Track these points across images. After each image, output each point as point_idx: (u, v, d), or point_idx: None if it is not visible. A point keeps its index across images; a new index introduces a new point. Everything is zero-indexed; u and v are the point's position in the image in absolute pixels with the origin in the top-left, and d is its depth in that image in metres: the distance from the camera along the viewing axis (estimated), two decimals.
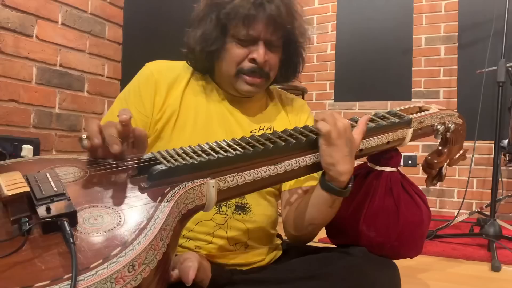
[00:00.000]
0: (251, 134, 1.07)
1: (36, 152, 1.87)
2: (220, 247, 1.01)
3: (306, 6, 4.54)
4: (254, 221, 1.04)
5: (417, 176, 3.81)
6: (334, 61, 4.41)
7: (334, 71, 4.41)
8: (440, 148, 1.18)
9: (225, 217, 1.01)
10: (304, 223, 1.02)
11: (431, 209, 3.59)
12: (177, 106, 1.05)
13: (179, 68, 1.11)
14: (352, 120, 0.96)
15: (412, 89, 4.03)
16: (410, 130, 1.04)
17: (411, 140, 1.07)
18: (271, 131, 1.08)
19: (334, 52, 4.41)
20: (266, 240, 1.09)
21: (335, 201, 0.92)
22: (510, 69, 2.42)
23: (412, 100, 4.01)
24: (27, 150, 1.82)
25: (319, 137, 0.86)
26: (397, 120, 1.02)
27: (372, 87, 4.18)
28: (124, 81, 2.33)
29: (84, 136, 0.77)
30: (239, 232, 1.03)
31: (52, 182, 0.66)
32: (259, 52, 1.00)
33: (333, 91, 4.40)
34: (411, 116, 1.06)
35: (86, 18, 2.14)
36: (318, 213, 0.96)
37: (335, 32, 4.42)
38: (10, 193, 0.60)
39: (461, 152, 1.21)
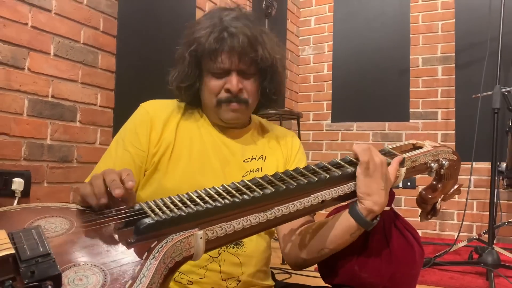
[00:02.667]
0: (244, 162, 1.14)
1: (27, 185, 1.87)
2: (212, 282, 1.02)
3: (302, 26, 4.59)
4: (247, 255, 1.07)
5: (415, 197, 3.81)
6: (331, 82, 4.46)
7: (331, 92, 4.44)
8: (434, 183, 1.18)
9: (219, 250, 1.04)
10: (319, 246, 1.03)
11: (431, 231, 3.61)
12: (172, 139, 1.11)
13: (173, 105, 1.17)
14: (382, 152, 1.00)
15: (410, 110, 4.06)
16: (403, 169, 1.04)
17: (404, 178, 1.08)
18: (264, 160, 1.16)
19: (331, 72, 4.46)
20: (259, 276, 1.11)
21: (356, 231, 0.94)
22: (506, 93, 2.44)
23: (410, 120, 4.04)
24: (17, 183, 1.82)
25: (358, 166, 0.90)
26: (390, 160, 1.02)
27: (369, 107, 4.21)
28: (117, 109, 2.34)
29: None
30: (232, 266, 1.05)
31: (37, 241, 0.67)
32: (232, 83, 1.07)
33: (330, 111, 4.43)
34: (403, 155, 1.06)
35: (78, 48, 2.16)
36: (338, 238, 0.98)
37: (331, 52, 4.47)
38: None
39: (455, 187, 1.21)
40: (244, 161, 1.14)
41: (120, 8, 2.40)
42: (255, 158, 1.16)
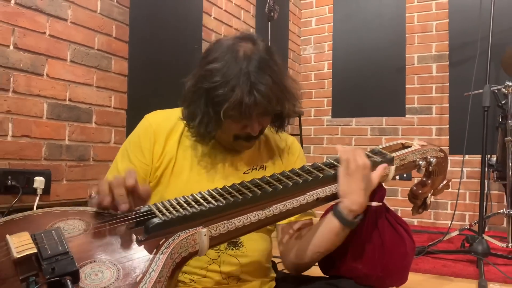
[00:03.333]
0: (244, 174, 1.11)
1: (47, 183, 1.91)
2: (214, 281, 1.03)
3: (304, 27, 4.59)
4: (246, 255, 1.06)
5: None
6: (331, 79, 4.46)
7: (331, 89, 4.45)
8: (424, 179, 1.19)
9: (218, 253, 1.04)
10: (309, 251, 1.04)
11: (426, 220, 3.61)
12: (174, 153, 1.09)
13: (175, 117, 1.13)
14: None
15: (406, 106, 4.06)
16: (393, 168, 1.05)
17: (395, 175, 1.09)
18: (264, 170, 1.14)
19: (331, 70, 4.46)
20: (259, 273, 1.10)
21: (342, 231, 0.95)
22: (496, 91, 2.44)
23: (406, 116, 4.04)
24: (39, 181, 1.87)
25: (339, 167, 0.91)
26: (379, 159, 1.03)
27: (367, 103, 4.22)
28: (130, 110, 2.37)
29: (93, 194, 0.81)
30: (232, 267, 1.05)
31: (57, 241, 0.70)
32: (253, 128, 1.02)
33: (331, 107, 4.44)
34: (393, 155, 1.07)
35: (93, 54, 2.19)
36: (325, 241, 0.99)
37: (331, 51, 4.47)
38: (18, 255, 0.64)
39: (444, 182, 1.21)
40: (244, 173, 1.11)
41: (131, 16, 2.42)
42: (255, 168, 1.14)
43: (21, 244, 0.66)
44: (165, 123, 1.12)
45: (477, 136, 2.49)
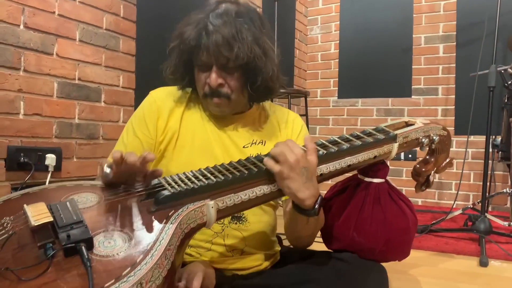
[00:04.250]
0: (244, 148, 1.13)
1: (58, 160, 1.95)
2: (218, 254, 1.06)
3: (310, 6, 4.55)
4: (250, 229, 1.09)
5: None
6: (337, 60, 4.43)
7: (337, 69, 4.43)
8: (427, 157, 1.20)
9: (222, 226, 1.07)
10: (292, 236, 1.09)
11: (430, 200, 3.62)
12: (177, 128, 1.12)
13: (178, 93, 1.17)
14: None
15: (412, 86, 4.04)
16: (396, 145, 1.06)
17: (398, 153, 1.11)
18: (263, 145, 1.16)
19: (338, 51, 4.43)
20: (263, 247, 1.13)
21: (309, 219, 0.94)
22: (502, 72, 2.42)
23: (412, 97, 4.03)
24: (50, 159, 1.90)
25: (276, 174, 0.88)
26: (382, 137, 1.04)
27: (374, 84, 4.20)
28: (138, 90, 2.39)
29: (107, 170, 0.83)
30: (235, 240, 1.08)
31: (71, 211, 0.73)
32: (211, 77, 1.04)
33: (337, 88, 4.43)
34: (396, 132, 1.08)
35: (101, 33, 2.19)
36: (299, 228, 1.01)
37: (338, 31, 4.43)
38: (36, 223, 0.67)
39: (447, 160, 1.23)
40: (244, 147, 1.13)
41: None
42: (255, 143, 1.15)
43: (38, 213, 0.70)
44: (169, 99, 1.15)
45: (483, 117, 2.48)
